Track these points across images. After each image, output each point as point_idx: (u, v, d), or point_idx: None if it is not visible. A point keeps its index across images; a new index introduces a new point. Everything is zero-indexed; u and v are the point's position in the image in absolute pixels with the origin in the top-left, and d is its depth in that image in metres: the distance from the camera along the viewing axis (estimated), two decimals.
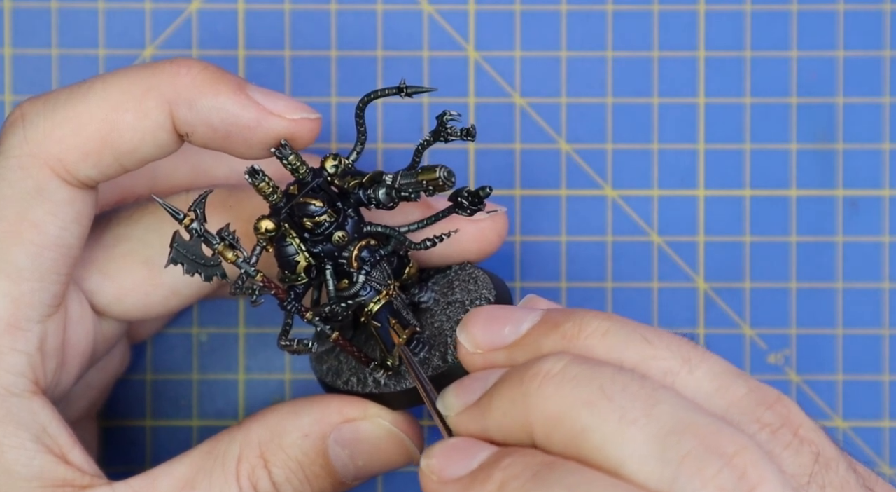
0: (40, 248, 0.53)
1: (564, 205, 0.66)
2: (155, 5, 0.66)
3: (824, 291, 0.66)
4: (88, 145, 0.53)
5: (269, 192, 0.54)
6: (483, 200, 0.54)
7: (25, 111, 0.54)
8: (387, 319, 0.55)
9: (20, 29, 0.66)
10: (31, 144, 0.53)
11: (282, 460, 0.54)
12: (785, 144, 0.66)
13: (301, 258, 0.54)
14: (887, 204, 0.66)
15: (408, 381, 0.55)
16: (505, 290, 0.57)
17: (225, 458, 0.54)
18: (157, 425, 0.66)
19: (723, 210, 0.66)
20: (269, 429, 0.54)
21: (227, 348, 0.67)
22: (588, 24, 0.66)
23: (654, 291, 0.66)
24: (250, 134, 0.54)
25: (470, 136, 0.54)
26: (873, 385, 0.66)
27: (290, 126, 0.54)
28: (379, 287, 0.55)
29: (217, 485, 0.53)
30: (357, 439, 0.54)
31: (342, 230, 0.54)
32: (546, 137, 0.66)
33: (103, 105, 0.53)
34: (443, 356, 0.55)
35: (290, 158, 0.54)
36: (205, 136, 0.54)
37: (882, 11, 0.66)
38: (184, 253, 0.53)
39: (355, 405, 0.55)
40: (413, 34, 0.66)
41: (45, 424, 0.54)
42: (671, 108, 0.66)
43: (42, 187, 0.53)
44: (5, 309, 0.53)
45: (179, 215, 0.53)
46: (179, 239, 0.53)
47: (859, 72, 0.66)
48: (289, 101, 0.54)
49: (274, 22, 0.66)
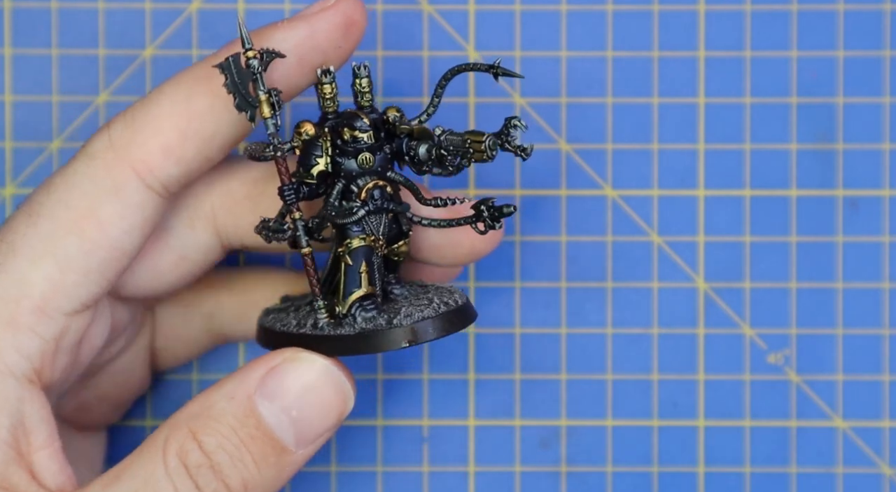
0: (96, 245, 0.54)
1: (564, 205, 0.66)
2: (155, 5, 0.66)
3: (824, 291, 0.66)
4: (169, 140, 0.54)
5: (328, 95, 0.55)
6: (503, 218, 0.54)
7: (110, 123, 0.55)
8: (360, 263, 0.55)
9: (20, 29, 0.66)
10: (116, 148, 0.54)
11: (212, 428, 0.52)
12: (785, 144, 0.66)
13: (322, 162, 0.55)
14: (887, 204, 0.66)
15: (345, 330, 0.54)
16: (473, 309, 0.57)
17: (153, 443, 0.52)
18: (157, 425, 0.66)
19: (723, 210, 0.66)
20: (196, 405, 0.53)
21: (228, 348, 0.67)
22: (588, 24, 0.66)
23: (654, 291, 0.66)
24: (313, 43, 0.55)
25: (525, 153, 0.53)
26: (873, 385, 0.66)
27: (337, 10, 0.55)
28: (371, 233, 0.55)
29: (143, 470, 0.52)
30: (284, 387, 0.52)
31: (371, 154, 0.55)
32: (546, 137, 0.66)
33: (175, 99, 0.54)
34: (389, 321, 0.54)
35: (364, 80, 0.56)
36: (281, 77, 0.55)
37: (882, 11, 0.66)
38: (233, 72, 0.53)
39: (278, 354, 0.53)
40: (413, 34, 0.66)
41: (26, 416, 0.53)
42: (671, 108, 0.66)
43: (120, 187, 0.54)
44: (40, 291, 0.53)
45: (248, 44, 0.53)
46: (236, 59, 0.53)
47: (859, 72, 0.66)
48: (314, 3, 0.56)
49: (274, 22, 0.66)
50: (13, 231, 0.54)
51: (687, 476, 0.66)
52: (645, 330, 0.66)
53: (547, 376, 0.66)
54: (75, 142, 0.66)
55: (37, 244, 0.54)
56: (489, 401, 0.66)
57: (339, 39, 0.56)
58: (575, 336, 0.66)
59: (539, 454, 0.66)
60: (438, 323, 0.54)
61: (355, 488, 0.66)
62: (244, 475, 0.52)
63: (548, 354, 0.66)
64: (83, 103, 0.66)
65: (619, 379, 0.66)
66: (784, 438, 0.66)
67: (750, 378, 0.66)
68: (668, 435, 0.66)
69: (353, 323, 0.54)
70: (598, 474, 0.66)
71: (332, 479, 0.66)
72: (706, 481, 0.66)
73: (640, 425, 0.66)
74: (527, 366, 0.66)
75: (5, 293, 0.53)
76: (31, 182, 0.66)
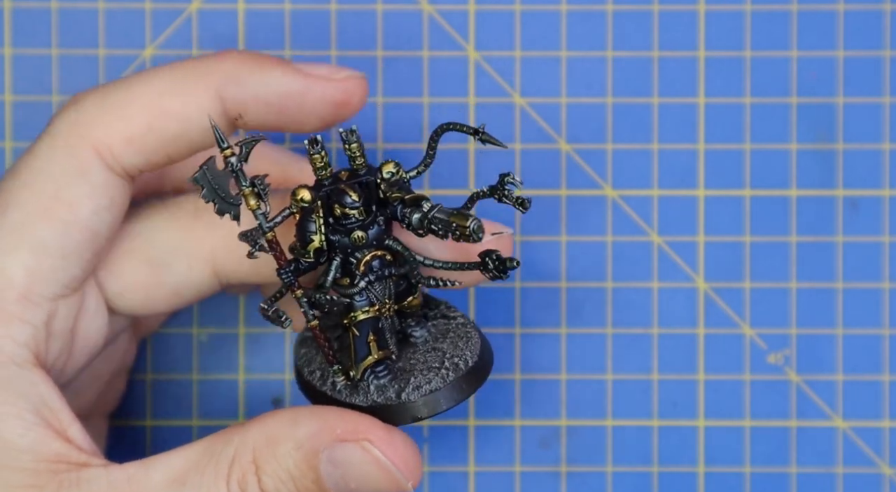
0: (68, 226, 0.54)
1: (564, 205, 0.66)
2: (155, 5, 0.66)
3: (824, 291, 0.66)
4: (134, 130, 0.54)
5: (320, 165, 0.54)
6: (508, 270, 0.54)
7: (78, 99, 0.55)
8: (367, 333, 0.55)
9: (20, 29, 0.66)
10: (80, 127, 0.54)
11: (273, 469, 0.53)
12: (785, 144, 0.66)
13: (317, 239, 0.54)
14: (887, 204, 0.66)
15: (360, 397, 0.55)
16: (489, 357, 0.57)
17: (219, 458, 0.53)
18: (157, 424, 0.66)
19: (723, 210, 0.66)
20: (266, 435, 0.53)
21: (227, 348, 0.67)
22: (588, 24, 0.66)
23: (654, 291, 0.66)
24: (302, 101, 0.55)
25: (523, 206, 0.53)
26: (873, 385, 0.66)
27: (338, 86, 0.55)
28: (374, 301, 0.55)
29: (206, 485, 0.53)
30: (347, 461, 0.53)
31: (364, 232, 0.54)
32: (546, 137, 0.66)
33: (150, 92, 0.54)
34: (399, 392, 0.54)
35: (354, 145, 0.55)
36: (258, 113, 0.55)
37: (882, 11, 0.66)
38: (209, 179, 0.53)
39: (351, 424, 0.53)
40: (413, 34, 0.66)
41: (46, 397, 0.54)
42: (671, 108, 0.66)
43: (84, 169, 0.54)
44: (21, 280, 0.54)
45: (224, 144, 0.53)
46: (212, 165, 0.53)
47: (859, 72, 0.66)
48: (331, 66, 0.56)
49: (274, 22, 0.66)
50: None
51: (687, 476, 0.66)
52: (645, 330, 0.66)
53: (547, 376, 0.66)
54: None
55: (9, 234, 0.54)
56: (489, 401, 0.66)
57: (325, 111, 0.55)
58: (575, 336, 0.66)
59: (539, 454, 0.66)
60: (448, 393, 0.55)
61: None
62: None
63: (548, 355, 0.66)
64: None
65: (619, 379, 0.66)
66: (784, 438, 0.66)
67: (750, 378, 0.66)
68: (668, 435, 0.66)
69: (367, 390, 0.55)
70: (598, 474, 0.66)
71: None
72: (706, 481, 0.66)
73: (640, 425, 0.66)
74: (527, 366, 0.66)
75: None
76: None
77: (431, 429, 0.66)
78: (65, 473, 0.53)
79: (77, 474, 0.53)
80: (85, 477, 0.53)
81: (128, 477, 0.53)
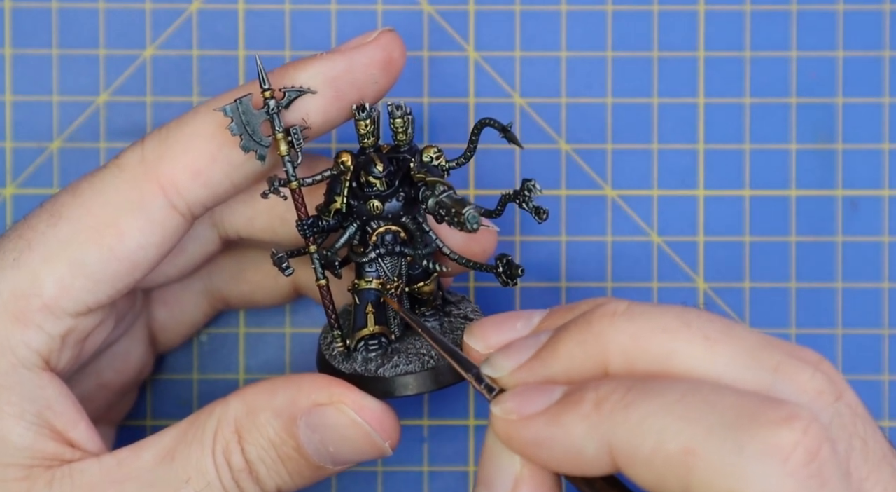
0: (111, 255, 0.55)
1: (564, 205, 0.66)
2: (155, 5, 0.66)
3: (824, 291, 0.66)
4: (198, 163, 0.55)
5: (364, 132, 0.55)
6: (515, 277, 0.55)
7: (145, 138, 0.56)
8: (367, 304, 0.56)
9: (20, 29, 0.66)
10: (147, 163, 0.55)
11: (255, 439, 0.54)
12: (785, 144, 0.66)
13: (339, 200, 0.56)
14: (887, 204, 0.66)
15: (347, 365, 0.56)
16: None
17: (204, 430, 0.55)
18: (157, 424, 0.66)
19: (723, 210, 0.66)
20: (246, 405, 0.55)
21: (227, 348, 0.67)
22: (588, 24, 0.66)
23: (654, 291, 0.66)
24: (352, 78, 0.55)
25: (539, 215, 0.54)
26: (873, 385, 0.66)
27: (376, 46, 0.56)
28: (381, 275, 0.56)
29: (194, 456, 0.54)
30: (324, 424, 0.54)
31: (381, 202, 0.55)
32: (546, 137, 0.66)
33: (210, 123, 0.55)
34: (378, 367, 0.55)
35: (398, 120, 0.56)
36: (319, 109, 0.55)
37: (882, 11, 0.66)
38: (240, 113, 0.54)
39: (325, 389, 0.55)
40: (413, 34, 0.66)
41: (52, 399, 0.55)
42: (671, 108, 0.66)
43: (145, 203, 0.55)
44: (50, 291, 0.54)
45: (266, 85, 0.54)
46: (246, 101, 0.54)
47: (859, 72, 0.66)
48: (356, 37, 0.56)
49: (274, 22, 0.66)
50: (32, 228, 0.55)
51: None
52: None
53: None
54: (75, 142, 0.66)
55: (54, 245, 0.55)
56: None
57: (377, 75, 0.56)
58: None
59: None
60: (420, 380, 0.55)
61: (356, 487, 0.66)
62: (279, 483, 0.55)
63: None
64: (83, 103, 0.66)
65: None
66: None
67: None
68: None
69: (356, 361, 0.56)
70: None
71: (333, 479, 0.66)
72: None
73: None
74: None
75: (17, 288, 0.54)
76: (31, 182, 0.66)
77: (431, 429, 0.66)
78: (58, 467, 0.54)
79: (69, 466, 0.54)
80: (78, 468, 0.54)
81: (118, 461, 0.55)
